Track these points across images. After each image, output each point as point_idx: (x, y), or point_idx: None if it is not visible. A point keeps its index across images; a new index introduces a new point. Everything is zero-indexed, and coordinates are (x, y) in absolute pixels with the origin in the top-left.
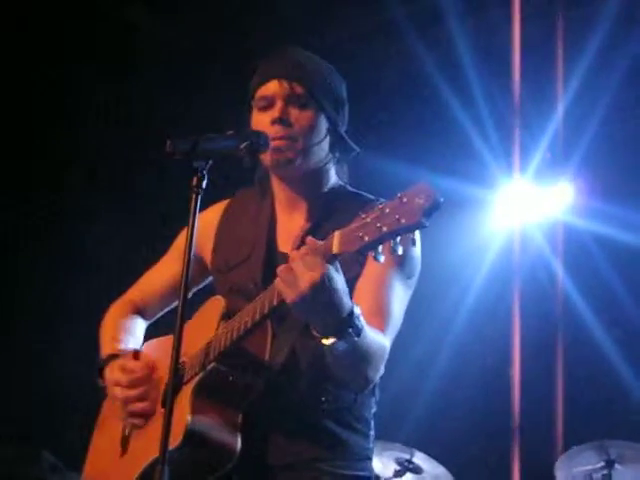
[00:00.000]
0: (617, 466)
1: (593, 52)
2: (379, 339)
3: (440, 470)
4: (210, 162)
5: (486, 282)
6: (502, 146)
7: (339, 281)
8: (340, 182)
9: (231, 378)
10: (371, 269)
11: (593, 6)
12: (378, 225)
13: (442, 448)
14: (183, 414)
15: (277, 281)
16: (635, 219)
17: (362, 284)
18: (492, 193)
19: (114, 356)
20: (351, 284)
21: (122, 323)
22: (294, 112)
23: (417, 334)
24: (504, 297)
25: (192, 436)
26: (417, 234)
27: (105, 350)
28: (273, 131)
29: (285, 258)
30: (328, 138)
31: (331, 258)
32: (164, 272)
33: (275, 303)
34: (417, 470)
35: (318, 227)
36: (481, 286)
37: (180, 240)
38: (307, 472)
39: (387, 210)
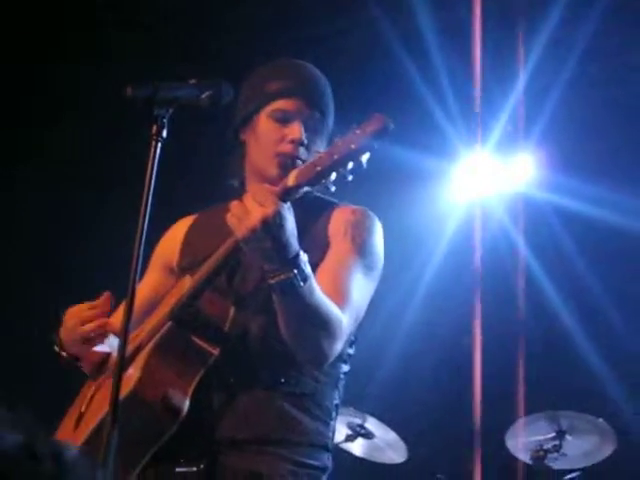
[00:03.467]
0: (568, 437)
1: (553, 25)
2: (334, 308)
3: (392, 436)
4: (171, 110)
5: (446, 254)
6: (462, 118)
7: (289, 220)
8: None
9: (187, 339)
10: (331, 256)
11: None
12: (330, 154)
13: (398, 415)
14: (136, 370)
15: (229, 216)
16: (595, 192)
17: (322, 268)
18: (453, 165)
19: None
20: (312, 269)
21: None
22: (309, 135)
23: (377, 307)
24: (465, 269)
25: (141, 390)
26: (380, 229)
27: None
28: (290, 148)
29: None
30: None
31: (285, 193)
32: (141, 288)
33: (230, 249)
34: (369, 435)
35: None
36: (441, 258)
37: (156, 254)
38: (259, 455)
39: (340, 142)
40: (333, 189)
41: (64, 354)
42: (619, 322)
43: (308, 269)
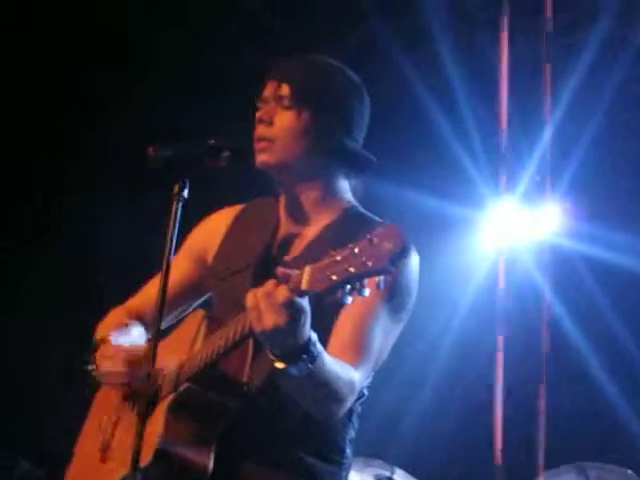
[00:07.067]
0: None
1: (581, 74)
2: (345, 373)
3: None
4: (192, 171)
5: (473, 303)
6: (490, 167)
7: (304, 316)
8: (351, 200)
9: (205, 398)
10: (357, 299)
11: (581, 29)
12: (346, 266)
13: (424, 467)
14: (155, 432)
15: (249, 309)
16: (623, 241)
17: (344, 314)
18: (480, 214)
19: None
20: (334, 308)
21: (119, 324)
22: (278, 113)
23: (403, 354)
24: (491, 318)
25: (162, 455)
26: (415, 261)
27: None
28: (256, 132)
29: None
30: (322, 145)
31: (300, 294)
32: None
33: (246, 330)
34: None
35: (316, 246)
36: (468, 307)
37: (190, 241)
38: None
39: (356, 250)
40: (349, 301)
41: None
42: None
43: (318, 348)
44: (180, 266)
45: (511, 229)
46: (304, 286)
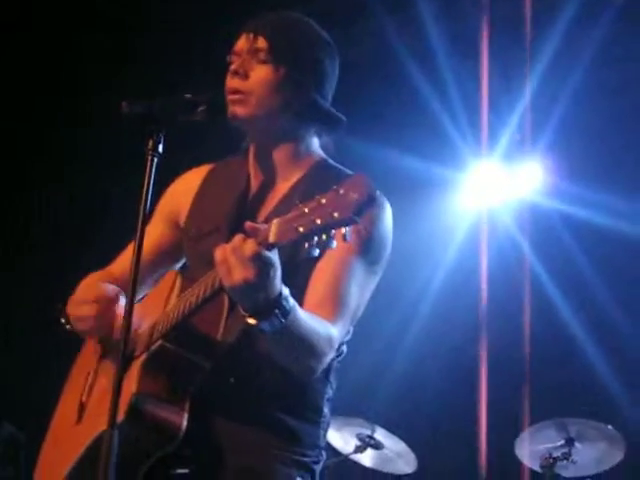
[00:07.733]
0: (577, 444)
1: (561, 33)
2: (323, 328)
3: (401, 446)
4: (166, 126)
5: (454, 263)
6: (470, 127)
7: (273, 269)
8: (321, 154)
9: (179, 356)
10: (331, 254)
11: None
12: (313, 217)
13: (406, 425)
14: (128, 390)
15: (218, 264)
16: (603, 200)
17: (318, 270)
18: (460, 173)
19: None
20: (307, 266)
21: (95, 285)
22: (254, 67)
23: (385, 314)
24: (472, 277)
25: (136, 413)
26: (388, 214)
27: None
28: (229, 84)
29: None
30: (295, 102)
31: (268, 246)
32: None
33: (217, 286)
34: (378, 446)
35: (287, 201)
36: (449, 267)
37: (163, 203)
38: (257, 457)
39: (323, 201)
40: (316, 254)
41: (68, 327)
42: (627, 329)
43: (290, 302)
44: (155, 229)
45: (492, 189)
46: (271, 238)
